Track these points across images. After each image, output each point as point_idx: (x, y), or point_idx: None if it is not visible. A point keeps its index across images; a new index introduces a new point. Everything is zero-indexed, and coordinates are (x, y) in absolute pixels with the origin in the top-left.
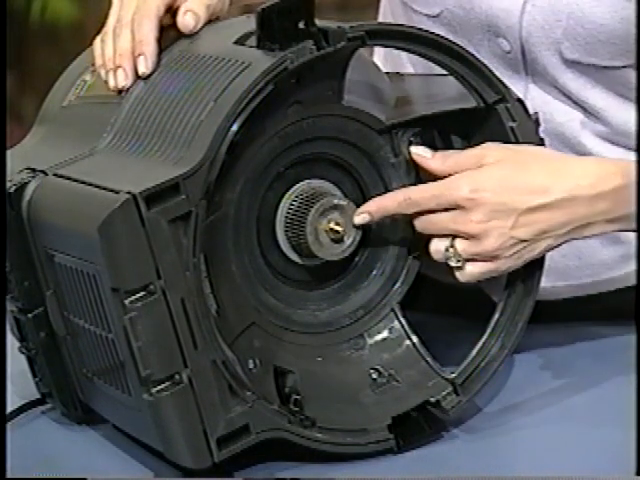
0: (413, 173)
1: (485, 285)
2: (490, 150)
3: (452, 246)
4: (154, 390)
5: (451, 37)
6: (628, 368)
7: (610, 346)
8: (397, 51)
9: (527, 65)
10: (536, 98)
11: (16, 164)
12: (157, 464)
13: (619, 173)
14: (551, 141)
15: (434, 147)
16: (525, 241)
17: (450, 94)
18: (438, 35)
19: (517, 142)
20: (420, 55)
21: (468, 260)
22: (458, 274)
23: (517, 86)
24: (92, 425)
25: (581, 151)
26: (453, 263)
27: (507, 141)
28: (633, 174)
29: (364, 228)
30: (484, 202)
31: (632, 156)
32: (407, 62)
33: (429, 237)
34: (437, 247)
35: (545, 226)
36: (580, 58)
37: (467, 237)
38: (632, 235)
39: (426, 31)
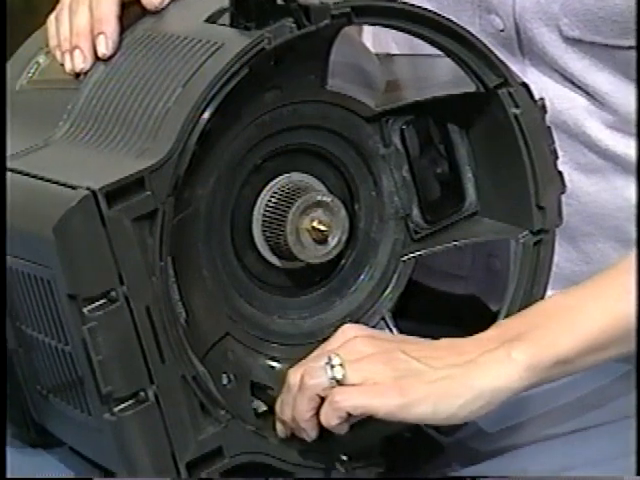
0: (405, 166)
1: (482, 293)
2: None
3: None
4: (116, 409)
5: None
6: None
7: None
8: (386, 30)
9: (523, 45)
10: (534, 83)
11: None
12: None
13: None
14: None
15: (429, 137)
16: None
17: (447, 77)
18: (433, 12)
19: (520, 130)
20: (412, 34)
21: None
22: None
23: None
24: (47, 448)
25: (586, 141)
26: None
27: (510, 129)
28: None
29: (351, 227)
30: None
31: None
32: (391, 41)
33: None
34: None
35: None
36: (582, 36)
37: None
38: None
39: (419, 7)
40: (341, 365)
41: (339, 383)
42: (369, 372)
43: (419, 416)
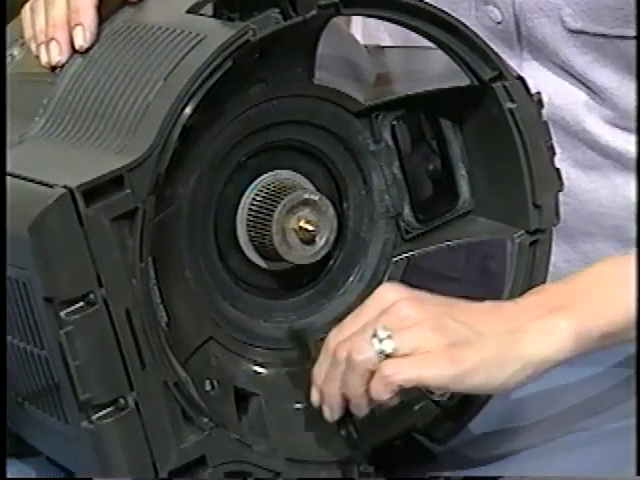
0: (396, 163)
1: (477, 295)
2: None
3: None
4: (95, 417)
5: None
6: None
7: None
8: (378, 22)
9: (522, 38)
10: (532, 77)
11: None
12: None
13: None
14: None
15: (421, 132)
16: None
17: (439, 70)
18: (424, 2)
19: (516, 125)
20: (403, 25)
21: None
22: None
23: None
24: (22, 458)
25: (585, 138)
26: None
27: (505, 124)
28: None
29: (339, 227)
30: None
31: None
32: (384, 32)
33: None
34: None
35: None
36: (585, 27)
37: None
38: None
39: None
40: (389, 337)
41: (388, 356)
42: (419, 341)
43: (471, 387)
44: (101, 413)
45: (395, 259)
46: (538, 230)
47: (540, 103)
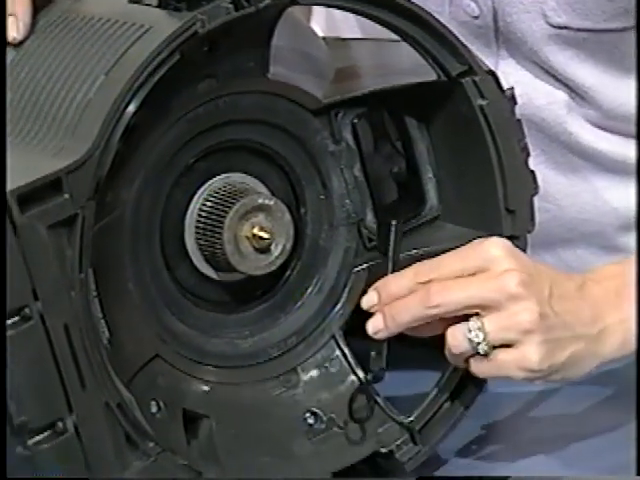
0: (357, 164)
1: None
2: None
3: (480, 327)
4: (31, 442)
5: None
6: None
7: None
8: (342, 13)
9: (499, 34)
10: (509, 76)
11: None
12: None
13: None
14: (528, 130)
15: (384, 131)
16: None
17: (404, 64)
18: None
19: (487, 124)
20: (365, 16)
21: (496, 346)
22: (485, 366)
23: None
24: None
25: (566, 141)
26: (481, 350)
27: (475, 123)
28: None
29: (296, 234)
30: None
31: (630, 144)
32: (354, 24)
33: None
34: (455, 333)
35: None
36: (569, 22)
37: (496, 307)
38: (630, 243)
39: None
40: (485, 340)
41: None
42: (516, 335)
43: (550, 381)
44: (37, 438)
45: (357, 269)
46: (512, 237)
47: (513, 99)
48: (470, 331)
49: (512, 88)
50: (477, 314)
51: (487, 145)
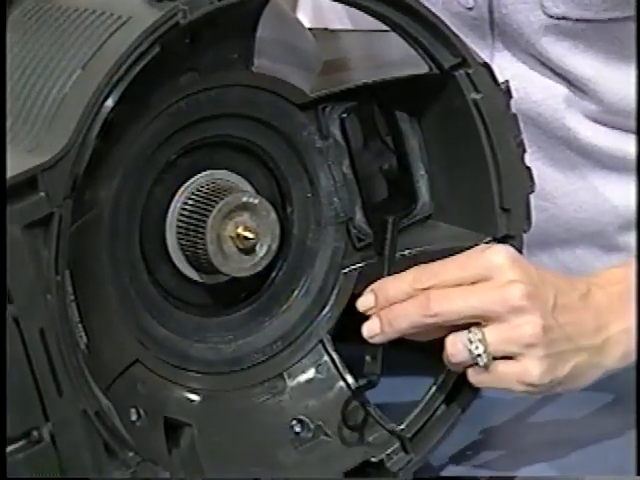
0: (346, 161)
1: None
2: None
3: (481, 339)
4: (5, 452)
5: None
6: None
7: None
8: (329, 3)
9: (494, 26)
10: (505, 69)
11: None
12: None
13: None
14: (524, 125)
15: (374, 126)
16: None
17: (395, 56)
18: None
19: (481, 118)
20: (354, 5)
21: (497, 358)
22: (484, 377)
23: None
24: None
25: (564, 136)
26: (481, 362)
27: (469, 117)
28: None
29: (282, 234)
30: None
31: (630, 139)
32: (344, 15)
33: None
34: (455, 342)
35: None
36: (567, 12)
37: (498, 318)
38: (631, 243)
39: None
40: (486, 352)
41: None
42: (518, 348)
43: (553, 393)
44: (12, 447)
45: (345, 270)
46: (507, 237)
47: (508, 93)
48: (471, 342)
49: (507, 81)
50: (478, 323)
51: (481, 141)
